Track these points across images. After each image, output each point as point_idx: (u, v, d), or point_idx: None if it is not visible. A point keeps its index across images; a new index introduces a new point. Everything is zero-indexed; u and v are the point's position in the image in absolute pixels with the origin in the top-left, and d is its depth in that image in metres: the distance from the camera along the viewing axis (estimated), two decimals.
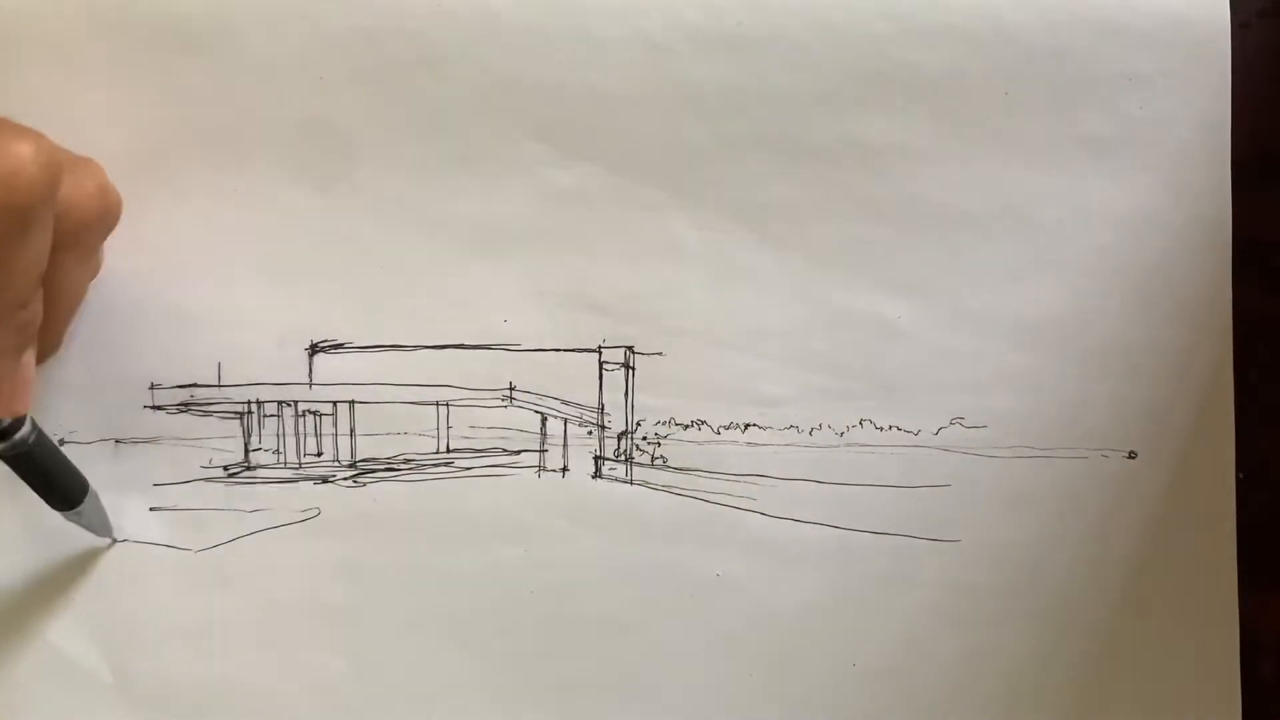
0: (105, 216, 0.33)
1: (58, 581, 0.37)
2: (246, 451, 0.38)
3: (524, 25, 0.38)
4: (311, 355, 0.38)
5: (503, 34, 0.38)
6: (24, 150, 0.27)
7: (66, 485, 0.35)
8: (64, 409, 0.37)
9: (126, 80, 0.37)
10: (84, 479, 0.36)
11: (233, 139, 0.37)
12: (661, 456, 0.39)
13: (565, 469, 0.39)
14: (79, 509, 0.35)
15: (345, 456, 0.38)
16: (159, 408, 0.38)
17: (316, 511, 0.38)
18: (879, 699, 0.39)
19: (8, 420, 0.32)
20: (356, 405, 0.38)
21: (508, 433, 0.39)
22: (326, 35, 0.37)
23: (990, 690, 0.39)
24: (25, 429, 0.33)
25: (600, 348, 0.39)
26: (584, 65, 0.38)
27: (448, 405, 0.38)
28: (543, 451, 0.39)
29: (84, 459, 0.37)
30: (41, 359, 0.33)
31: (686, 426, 0.39)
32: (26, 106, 0.37)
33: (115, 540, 0.37)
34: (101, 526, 0.37)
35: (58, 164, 0.28)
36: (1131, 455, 0.39)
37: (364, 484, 0.38)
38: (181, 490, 0.37)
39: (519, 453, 0.39)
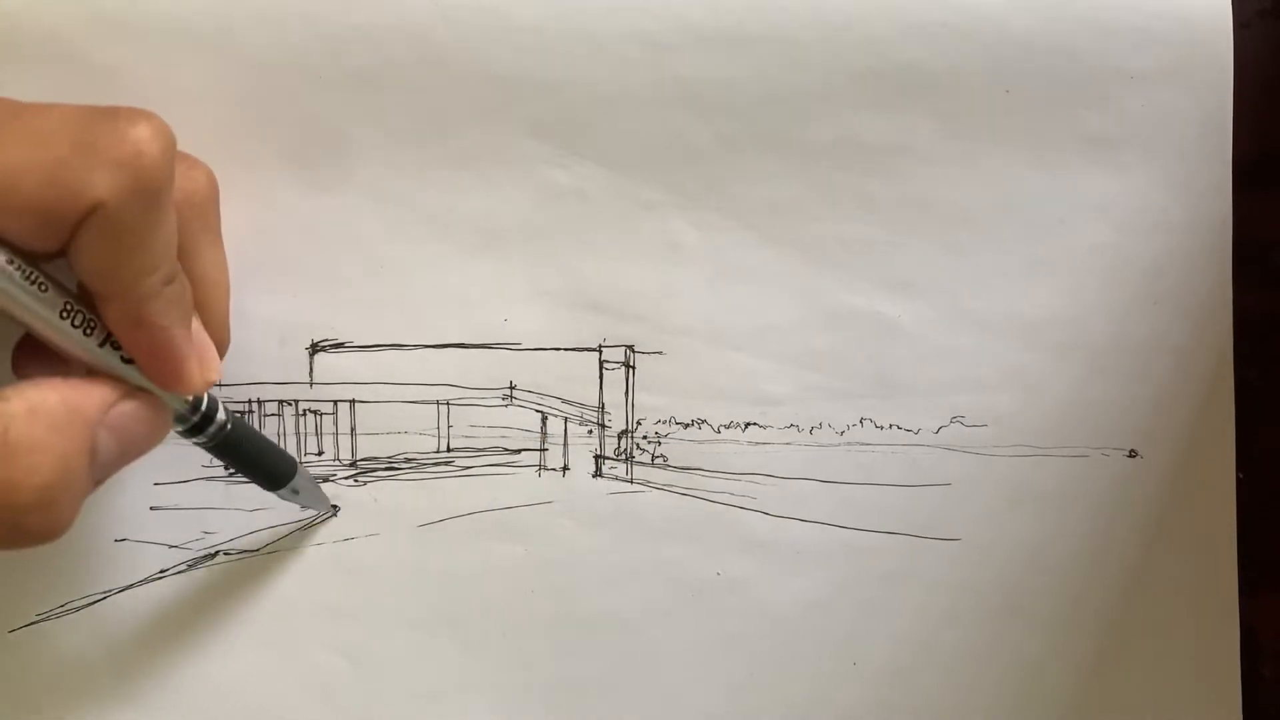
0: (216, 194, 0.34)
1: (58, 581, 0.37)
2: None
3: (524, 24, 0.38)
4: (311, 355, 0.38)
5: (502, 33, 0.38)
6: (143, 132, 0.27)
7: (273, 465, 0.35)
8: None
9: (126, 80, 0.37)
10: (290, 456, 0.36)
11: (233, 139, 0.37)
12: (662, 456, 0.39)
13: (566, 468, 0.39)
14: (292, 485, 0.36)
15: (345, 456, 0.39)
16: None
17: (316, 511, 0.38)
18: (879, 698, 0.39)
19: (204, 409, 0.32)
20: (357, 405, 0.38)
21: (508, 432, 0.39)
22: (326, 35, 0.37)
23: (990, 689, 0.39)
24: (221, 415, 0.33)
25: (600, 347, 0.39)
26: (584, 65, 0.38)
27: (448, 405, 0.38)
28: (543, 451, 0.39)
29: None
30: (219, 353, 0.33)
31: (687, 426, 0.39)
32: None
33: (335, 510, 0.38)
34: (316, 500, 0.37)
35: (172, 139, 0.28)
36: (1132, 454, 0.39)
37: (364, 483, 0.38)
38: (181, 490, 0.37)
39: (519, 452, 0.39)
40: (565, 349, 0.39)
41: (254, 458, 0.35)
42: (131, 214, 0.27)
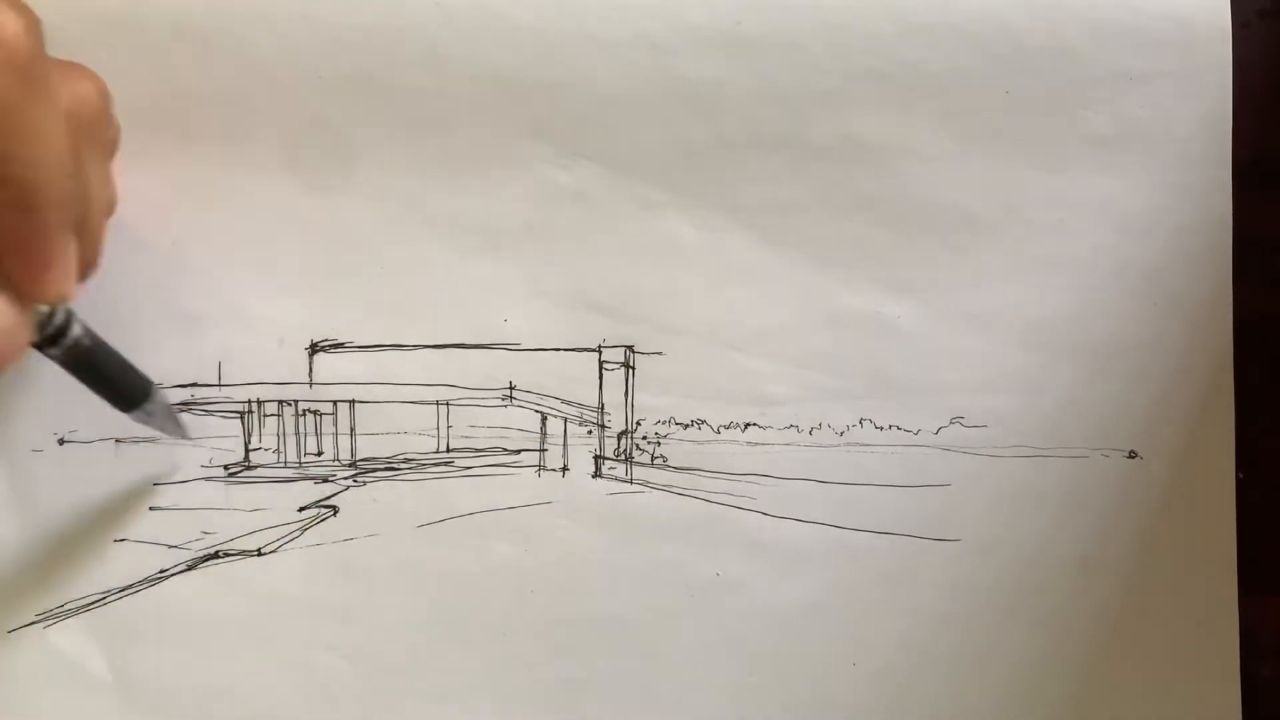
0: (107, 109, 0.33)
1: (58, 581, 0.37)
2: (246, 451, 0.38)
3: (524, 25, 0.38)
4: (311, 355, 0.38)
5: (502, 33, 0.38)
6: (5, 18, 0.26)
7: (127, 384, 0.34)
8: (64, 408, 0.37)
9: (127, 80, 0.37)
10: (146, 377, 0.35)
11: (233, 139, 0.37)
12: (661, 456, 0.39)
13: (565, 468, 0.39)
14: (146, 408, 0.35)
15: (345, 456, 0.39)
16: None
17: (317, 511, 0.38)
18: (879, 699, 0.39)
19: (60, 320, 0.31)
20: (356, 405, 0.38)
21: (508, 432, 0.39)
22: (326, 35, 0.37)
23: (990, 690, 0.39)
24: (77, 329, 0.32)
25: (600, 347, 0.39)
26: (584, 65, 0.38)
27: (448, 405, 0.38)
28: (543, 451, 0.39)
29: (84, 459, 0.37)
30: (83, 273, 0.32)
31: (686, 426, 0.39)
32: None
33: (192, 440, 0.37)
34: (172, 426, 0.36)
35: (39, 28, 0.27)
36: (1132, 455, 0.39)
37: (364, 484, 0.38)
38: (181, 490, 0.37)
39: (519, 452, 0.39)
40: (565, 349, 0.39)
41: (108, 376, 0.34)
42: (7, 92, 0.26)
